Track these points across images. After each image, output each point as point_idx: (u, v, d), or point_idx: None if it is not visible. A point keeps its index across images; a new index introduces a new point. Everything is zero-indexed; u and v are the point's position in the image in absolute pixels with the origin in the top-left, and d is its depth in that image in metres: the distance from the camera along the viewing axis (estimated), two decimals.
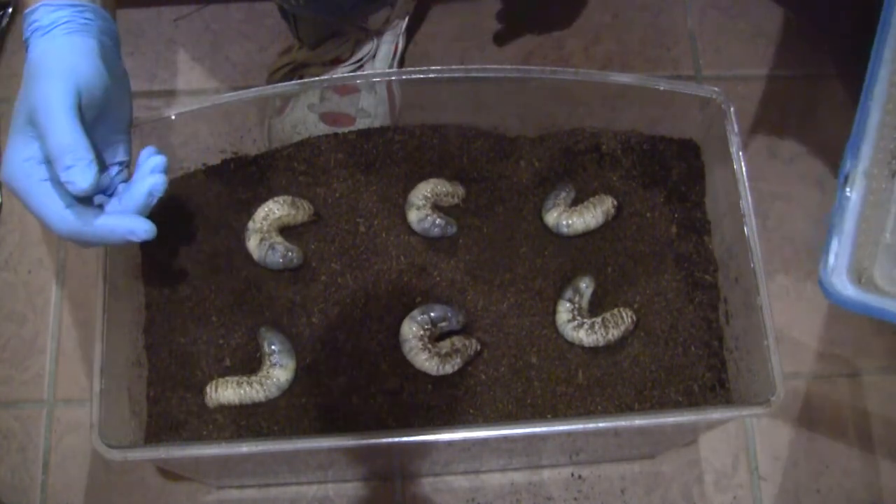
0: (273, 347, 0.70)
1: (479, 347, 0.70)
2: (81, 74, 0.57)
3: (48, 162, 0.56)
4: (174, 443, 0.69)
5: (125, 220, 0.59)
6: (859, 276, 0.64)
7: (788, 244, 0.96)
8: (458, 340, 0.70)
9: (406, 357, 0.69)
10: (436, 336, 0.70)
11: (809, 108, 1.01)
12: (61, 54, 0.58)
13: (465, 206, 0.76)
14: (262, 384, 0.69)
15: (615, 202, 0.75)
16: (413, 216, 0.74)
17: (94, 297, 0.67)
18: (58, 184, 0.57)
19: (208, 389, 0.70)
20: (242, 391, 0.69)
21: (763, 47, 1.05)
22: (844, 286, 0.63)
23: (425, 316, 0.69)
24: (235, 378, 0.70)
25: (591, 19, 1.06)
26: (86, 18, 0.60)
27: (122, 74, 0.63)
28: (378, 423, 0.69)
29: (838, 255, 0.64)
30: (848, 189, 0.63)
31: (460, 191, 0.75)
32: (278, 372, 0.69)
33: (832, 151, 0.99)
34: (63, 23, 0.59)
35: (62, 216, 0.57)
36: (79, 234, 0.58)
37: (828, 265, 0.64)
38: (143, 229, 0.59)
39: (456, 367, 0.69)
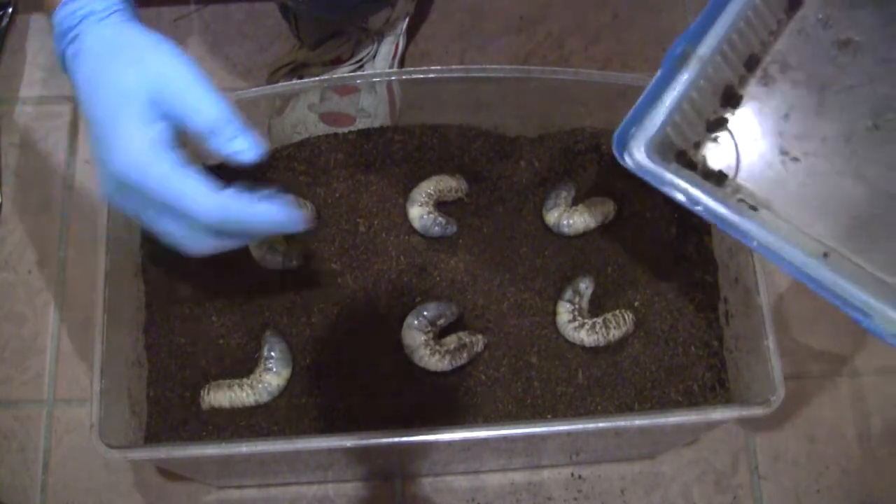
0: (272, 353, 0.69)
1: (485, 344, 0.71)
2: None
3: (180, 146, 0.51)
4: (174, 443, 0.69)
5: (287, 208, 0.52)
6: (667, 153, 0.62)
7: None
8: (464, 336, 0.70)
9: (418, 364, 0.69)
10: (437, 333, 0.70)
11: None
12: (152, 34, 0.53)
13: (465, 206, 0.76)
14: (252, 388, 0.69)
15: (615, 203, 0.75)
16: (415, 213, 0.74)
17: (94, 297, 0.66)
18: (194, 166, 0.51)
19: (202, 393, 0.70)
20: (233, 394, 0.69)
21: None
22: (640, 153, 0.60)
23: (423, 319, 0.69)
24: (227, 381, 0.70)
25: (591, 19, 1.06)
26: (131, 5, 0.57)
27: None
28: (378, 423, 0.69)
29: (646, 123, 0.60)
30: (681, 68, 0.61)
31: (464, 185, 0.75)
32: (271, 377, 0.69)
33: None
34: (117, 10, 0.55)
35: (217, 199, 0.50)
36: (237, 218, 0.51)
37: (630, 131, 0.61)
38: (306, 219, 0.53)
39: (466, 360, 0.70)
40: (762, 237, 0.58)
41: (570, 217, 0.74)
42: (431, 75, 0.74)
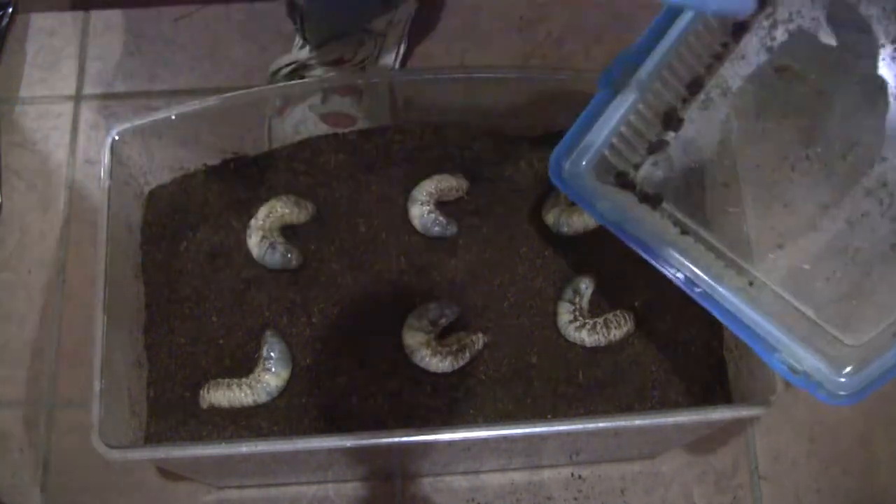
0: (271, 353, 0.69)
1: (485, 343, 0.71)
2: None
3: None
4: (174, 443, 0.69)
5: None
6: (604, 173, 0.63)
7: None
8: (464, 336, 0.70)
9: (419, 365, 0.69)
10: (438, 333, 0.70)
11: None
12: None
13: (465, 206, 0.76)
14: (251, 388, 0.69)
15: None
16: (415, 211, 0.74)
17: (94, 297, 0.66)
18: None
19: (202, 392, 0.70)
20: (232, 394, 0.69)
21: None
22: (576, 177, 0.62)
23: (424, 320, 0.69)
24: (226, 380, 0.70)
25: (591, 19, 1.05)
26: None
27: None
28: (378, 423, 0.69)
29: (584, 147, 0.62)
30: (619, 91, 0.61)
31: (464, 184, 0.75)
32: (269, 378, 0.69)
33: None
34: None
35: None
36: None
37: (567, 153, 0.62)
38: None
39: (468, 360, 0.70)
40: (684, 268, 0.58)
41: (569, 217, 0.74)
42: (432, 75, 0.74)
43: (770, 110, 0.60)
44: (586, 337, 0.70)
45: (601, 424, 0.62)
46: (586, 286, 0.72)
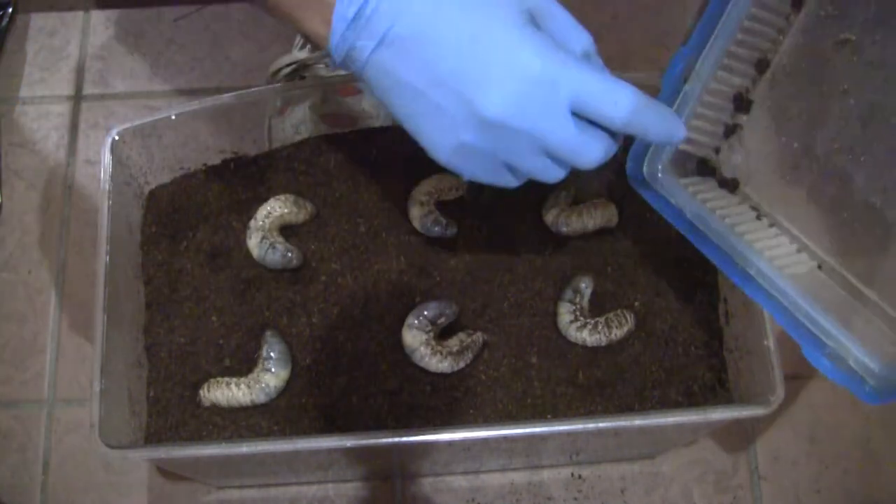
0: (271, 353, 0.69)
1: (485, 340, 0.71)
2: None
3: None
4: (174, 443, 0.69)
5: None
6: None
7: None
8: (464, 336, 0.70)
9: (418, 365, 0.69)
10: (438, 333, 0.70)
11: None
12: None
13: (465, 206, 0.76)
14: (249, 387, 0.69)
15: (617, 206, 0.75)
16: (416, 212, 0.74)
17: (94, 297, 0.66)
18: None
19: (202, 391, 0.70)
20: (231, 393, 0.69)
21: None
22: (655, 168, 0.63)
23: (423, 319, 0.69)
24: (226, 379, 0.70)
25: (591, 19, 1.05)
26: None
27: None
28: (378, 423, 0.69)
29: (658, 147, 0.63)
30: (687, 84, 0.61)
31: (464, 183, 0.76)
32: (269, 378, 0.69)
33: None
34: None
35: (637, 91, 0.49)
36: (646, 116, 0.50)
37: (649, 147, 0.63)
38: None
39: (468, 362, 0.70)
40: (750, 261, 0.58)
41: (568, 217, 0.74)
42: None
43: (832, 88, 0.59)
44: (587, 337, 0.70)
45: (601, 424, 0.62)
46: (586, 286, 0.72)
